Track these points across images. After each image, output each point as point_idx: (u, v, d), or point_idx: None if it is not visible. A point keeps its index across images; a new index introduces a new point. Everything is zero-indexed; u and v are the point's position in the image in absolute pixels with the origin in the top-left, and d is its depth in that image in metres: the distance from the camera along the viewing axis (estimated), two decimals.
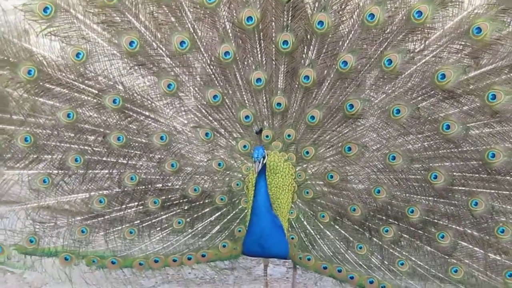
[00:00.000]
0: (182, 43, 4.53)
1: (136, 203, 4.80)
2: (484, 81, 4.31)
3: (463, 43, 4.34)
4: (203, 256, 4.83)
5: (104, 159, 4.72)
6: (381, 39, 4.43)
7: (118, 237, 4.82)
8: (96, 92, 4.64)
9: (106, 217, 4.79)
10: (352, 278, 4.68)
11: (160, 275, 5.46)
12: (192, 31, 4.55)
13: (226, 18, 4.55)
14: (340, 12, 4.48)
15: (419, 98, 4.45)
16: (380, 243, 4.65)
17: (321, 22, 4.43)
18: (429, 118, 4.45)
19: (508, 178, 4.37)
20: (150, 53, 4.59)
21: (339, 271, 4.70)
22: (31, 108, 4.65)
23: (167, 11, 4.56)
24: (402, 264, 4.60)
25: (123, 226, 4.81)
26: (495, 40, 4.27)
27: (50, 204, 4.78)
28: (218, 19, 4.55)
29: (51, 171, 4.73)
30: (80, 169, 4.72)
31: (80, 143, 4.70)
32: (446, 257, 4.53)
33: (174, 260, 4.82)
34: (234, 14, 4.52)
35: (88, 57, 4.58)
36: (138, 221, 4.82)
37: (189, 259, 4.83)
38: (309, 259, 4.75)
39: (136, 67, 4.63)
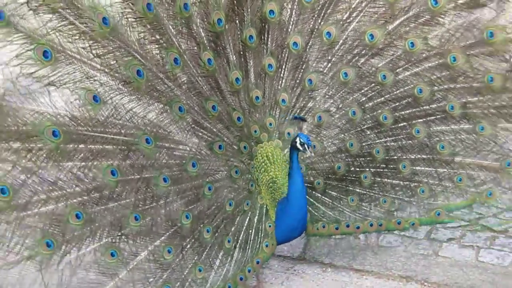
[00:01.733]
0: (175, 60, 4.23)
1: (191, 239, 4.42)
2: (399, 33, 5.11)
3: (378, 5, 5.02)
4: (258, 263, 4.73)
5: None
6: (315, 15, 4.84)
7: (192, 282, 4.37)
8: (123, 137, 4.03)
9: (173, 266, 4.30)
10: (358, 228, 5.17)
11: None
12: (178, 45, 4.27)
13: (199, 25, 4.38)
14: None
15: (355, 59, 5.01)
16: (362, 190, 5.19)
17: (272, 11, 4.62)
18: (366, 74, 5.10)
19: (432, 106, 5.33)
20: (151, 78, 4.16)
21: (347, 226, 5.14)
22: None
23: (151, 29, 4.17)
24: (385, 201, 5.22)
25: (190, 267, 4.40)
26: None
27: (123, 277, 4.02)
28: (194, 28, 4.35)
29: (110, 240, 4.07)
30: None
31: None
32: (409, 183, 5.26)
33: (241, 279, 4.60)
34: (204, 19, 4.38)
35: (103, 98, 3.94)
36: (197, 257, 4.44)
37: (249, 271, 4.67)
38: (324, 226, 5.07)
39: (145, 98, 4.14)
